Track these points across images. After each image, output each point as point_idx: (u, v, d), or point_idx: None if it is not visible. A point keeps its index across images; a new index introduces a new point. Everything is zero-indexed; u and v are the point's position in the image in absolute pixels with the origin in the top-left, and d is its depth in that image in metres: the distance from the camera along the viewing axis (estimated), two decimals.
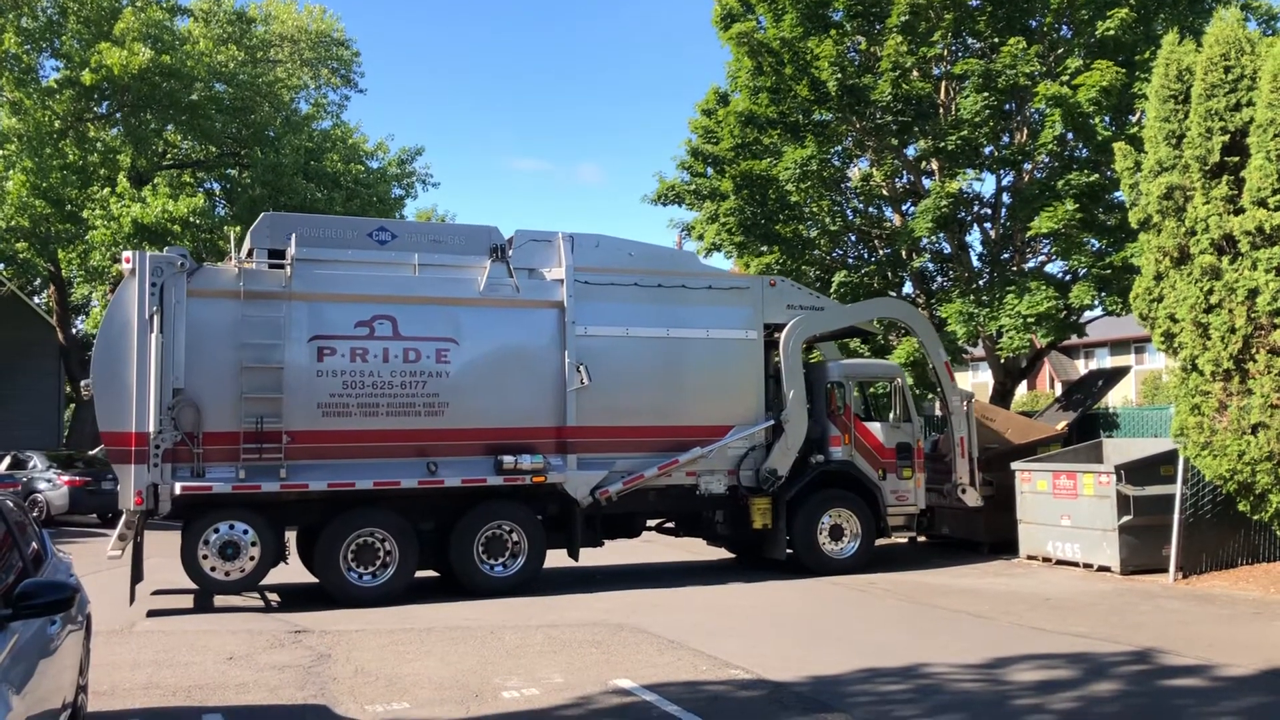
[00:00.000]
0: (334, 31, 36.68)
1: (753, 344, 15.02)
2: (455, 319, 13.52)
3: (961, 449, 16.00)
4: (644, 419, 14.31)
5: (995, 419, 17.91)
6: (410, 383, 13.19)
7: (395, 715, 7.73)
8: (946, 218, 19.27)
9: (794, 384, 15.01)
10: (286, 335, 12.75)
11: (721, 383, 14.82)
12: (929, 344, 16.51)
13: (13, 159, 23.89)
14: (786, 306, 15.29)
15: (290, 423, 12.60)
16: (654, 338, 14.47)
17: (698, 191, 22.09)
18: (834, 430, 15.51)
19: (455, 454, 13.29)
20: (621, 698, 8.19)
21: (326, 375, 12.88)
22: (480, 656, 9.68)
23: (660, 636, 10.54)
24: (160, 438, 12.13)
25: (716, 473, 14.67)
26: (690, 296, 14.71)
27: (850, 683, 8.63)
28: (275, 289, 12.83)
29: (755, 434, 14.85)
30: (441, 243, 13.88)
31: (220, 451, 12.38)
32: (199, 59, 27.01)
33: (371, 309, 13.15)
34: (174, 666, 9.35)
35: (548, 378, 13.84)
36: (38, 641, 5.22)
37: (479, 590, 13.23)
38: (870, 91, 19.08)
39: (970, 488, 15.99)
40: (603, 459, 14.02)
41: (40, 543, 6.80)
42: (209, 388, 12.43)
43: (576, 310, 13.97)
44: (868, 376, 16.69)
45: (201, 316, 12.52)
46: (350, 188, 29.46)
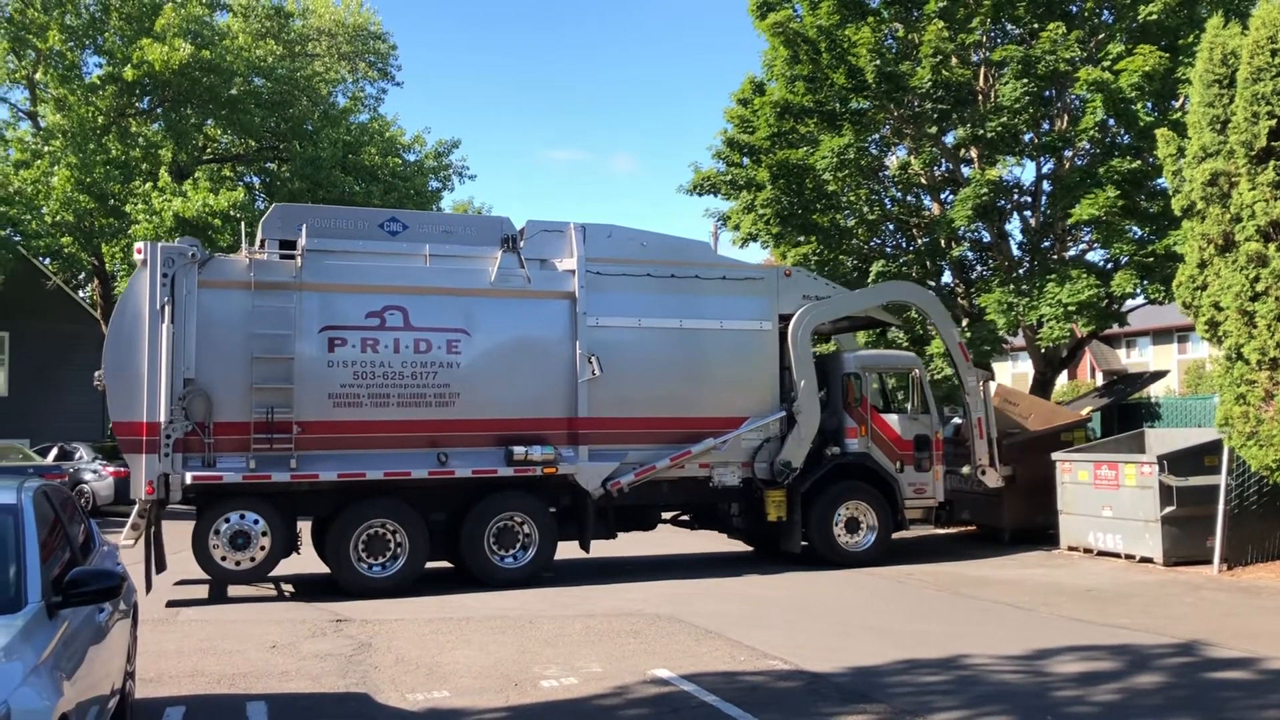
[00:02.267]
0: (371, 25, 36.90)
1: (767, 335, 14.86)
2: (466, 310, 13.51)
3: (979, 430, 15.81)
4: (656, 410, 14.21)
5: (1018, 404, 17.69)
6: (421, 373, 13.19)
7: (436, 704, 7.79)
8: (986, 206, 19.08)
9: (805, 374, 14.85)
10: (297, 326, 12.79)
11: (735, 374, 14.68)
12: (942, 326, 16.32)
13: (57, 155, 24.24)
14: (802, 297, 15.14)
15: (301, 413, 12.65)
16: (667, 329, 14.36)
17: (734, 181, 22.00)
18: (850, 422, 15.35)
19: (466, 445, 13.27)
20: (660, 687, 8.21)
21: (337, 366, 12.91)
22: (519, 645, 9.74)
23: (698, 626, 10.55)
24: (171, 427, 12.20)
25: (730, 465, 14.55)
26: (704, 287, 14.58)
27: (889, 674, 8.60)
28: (286, 279, 12.86)
29: (769, 425, 14.70)
30: (453, 233, 13.86)
31: (231, 441, 12.44)
32: (238, 54, 27.27)
33: (382, 299, 13.15)
34: (218, 654, 9.48)
35: (559, 369, 13.79)
36: (87, 629, 5.32)
37: (490, 581, 13.21)
38: (909, 79, 18.90)
39: (990, 468, 15.83)
40: (614, 450, 13.95)
41: (88, 531, 6.92)
42: (220, 378, 12.50)
43: (588, 301, 13.91)
44: (885, 367, 16.51)
45: (213, 307, 12.59)
46: (388, 181, 29.64)
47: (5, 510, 5.37)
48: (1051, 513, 16.52)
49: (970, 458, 15.91)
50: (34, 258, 28.20)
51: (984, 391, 16.02)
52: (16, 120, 27.64)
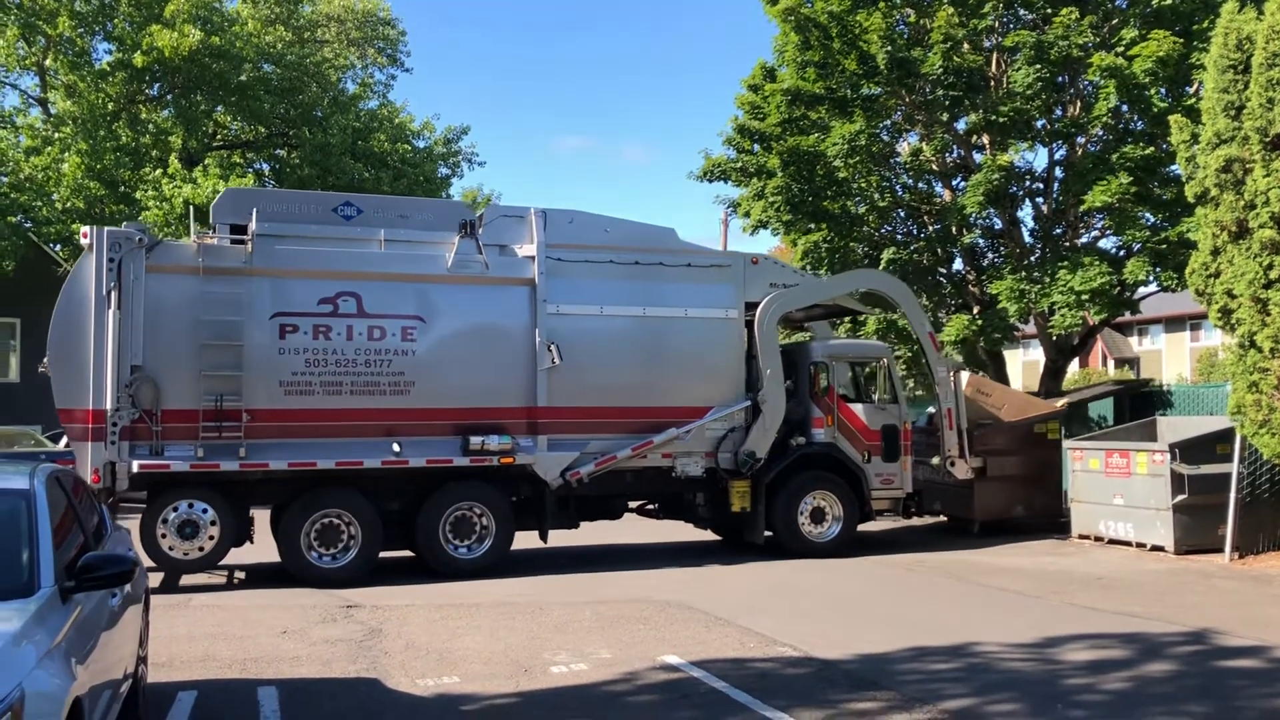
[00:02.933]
0: (380, 11, 36.83)
1: (733, 323, 14.62)
2: (422, 296, 13.25)
3: (949, 421, 15.60)
4: (619, 399, 13.94)
5: (991, 394, 17.42)
6: (375, 361, 12.95)
7: (446, 689, 7.81)
8: (998, 192, 19.00)
9: (771, 363, 14.64)
10: (247, 312, 12.55)
11: (700, 363, 14.43)
12: (912, 314, 16.16)
13: (68, 141, 24.29)
14: (770, 285, 14.84)
15: (250, 401, 12.45)
16: (630, 316, 14.10)
17: (744, 168, 21.94)
18: (817, 412, 15.11)
19: (422, 434, 13.03)
20: (669, 673, 8.22)
21: (289, 353, 12.69)
22: (529, 631, 9.76)
23: (707, 613, 10.55)
24: (117, 415, 11.98)
25: (694, 455, 14.29)
26: (668, 274, 14.31)
27: (898, 661, 8.59)
28: (236, 265, 12.62)
29: (733, 415, 14.47)
30: (409, 218, 13.57)
31: (180, 429, 12.24)
32: (247, 40, 27.24)
33: (335, 286, 12.91)
34: (229, 640, 9.52)
35: (518, 357, 13.55)
36: (99, 614, 5.33)
37: (445, 572, 13.01)
38: (920, 65, 18.81)
39: (959, 460, 15.64)
40: (575, 440, 13.68)
41: (100, 517, 6.93)
42: (168, 365, 12.28)
43: (548, 288, 13.63)
44: (852, 356, 16.09)
45: (161, 293, 12.34)
46: (397, 167, 29.63)
47: (18, 495, 5.38)
48: (1026, 504, 16.57)
49: (940, 449, 15.73)
50: (45, 244, 28.26)
51: (954, 382, 15.78)
52: (27, 107, 27.69)
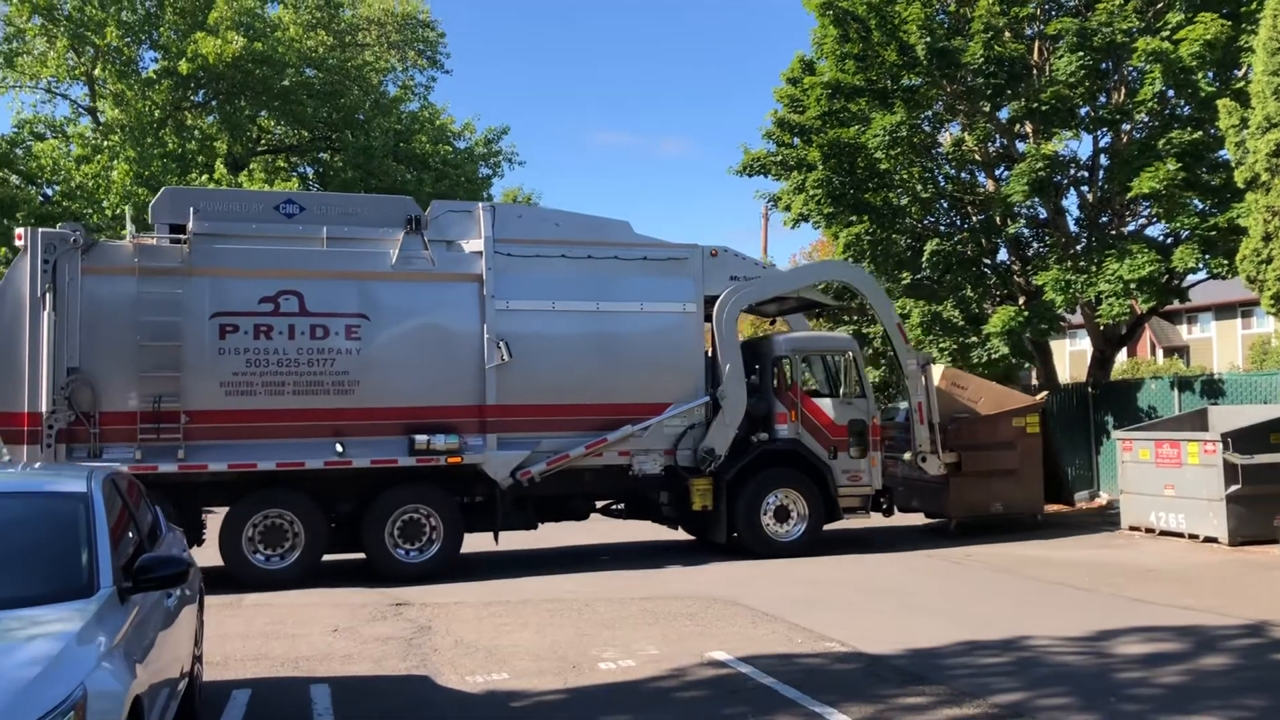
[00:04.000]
0: (419, 13, 37.06)
1: (691, 318, 14.33)
2: (366, 294, 13.07)
3: (920, 415, 15.17)
4: (572, 397, 13.67)
5: (967, 387, 17.06)
6: (318, 360, 12.78)
7: (495, 685, 7.87)
8: (1042, 181, 18.77)
9: (730, 358, 14.32)
10: (186, 312, 12.42)
11: (657, 359, 14.12)
12: (879, 305, 15.79)
13: (116, 149, 24.68)
14: (730, 278, 14.53)
15: (189, 402, 12.34)
16: (583, 311, 13.82)
17: (784, 162, 21.86)
18: (780, 407, 14.76)
19: (368, 434, 12.86)
20: (717, 669, 8.23)
21: (229, 353, 12.55)
22: (576, 628, 9.81)
23: (754, 609, 10.55)
24: (54, 418, 11.90)
25: (652, 452, 13.99)
26: (623, 268, 14.06)
27: (948, 655, 8.54)
28: (173, 265, 12.50)
29: (692, 411, 14.18)
30: (354, 215, 13.42)
31: (118, 432, 12.16)
32: (289, 45, 27.54)
33: (276, 284, 12.75)
34: (282, 638, 9.66)
35: (467, 354, 13.32)
36: (156, 614, 5.44)
37: (391, 576, 12.84)
38: (961, 54, 18.64)
39: (931, 455, 15.20)
40: (526, 439, 13.44)
41: (154, 518, 7.06)
42: (106, 367, 12.18)
43: (497, 283, 13.42)
44: (817, 349, 15.61)
45: (98, 294, 12.24)
46: (439, 168, 29.81)
47: (76, 498, 5.50)
48: (1005, 500, 16.04)
49: (911, 444, 15.35)
50: None
51: (925, 375, 15.39)
52: (77, 116, 28.18)
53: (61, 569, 5.10)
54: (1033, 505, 16.46)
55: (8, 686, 3.85)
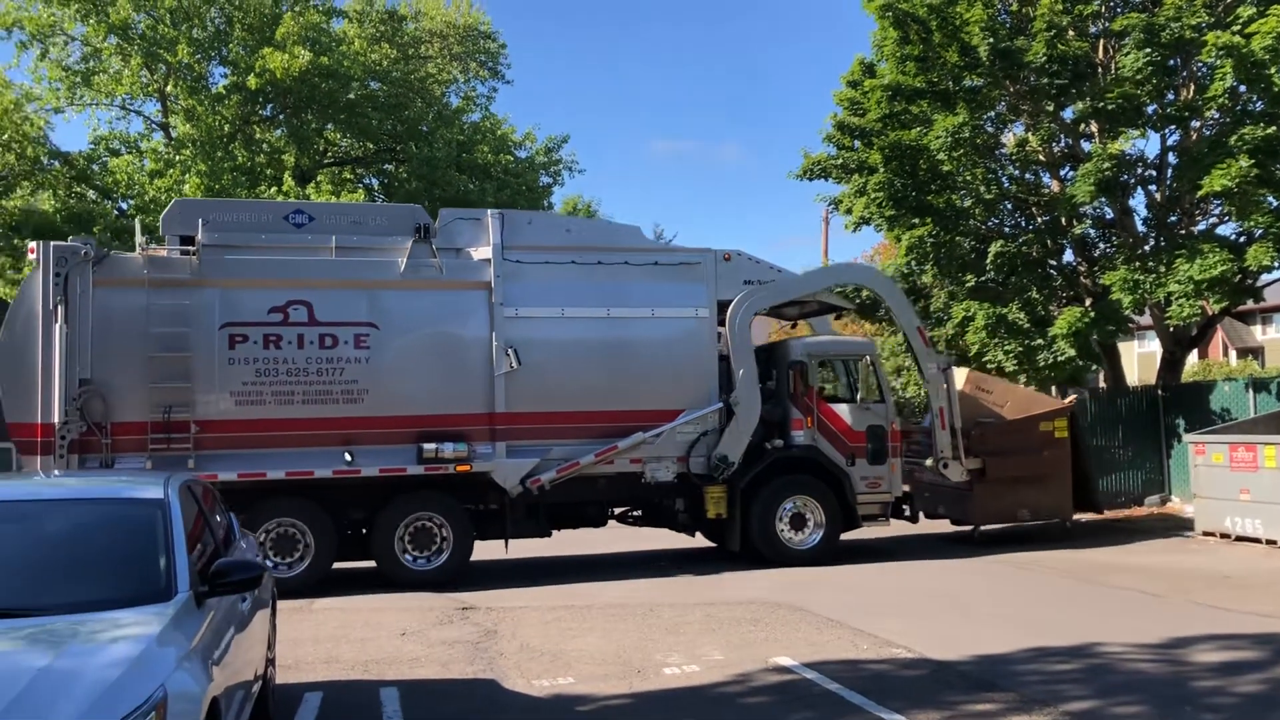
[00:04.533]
0: (480, 25, 37.47)
1: (704, 323, 14.15)
2: (375, 303, 13.09)
3: (941, 420, 14.82)
4: (582, 404, 13.57)
5: (992, 391, 16.66)
6: (327, 369, 12.82)
7: (561, 690, 7.94)
8: (1108, 181, 18.45)
9: (744, 363, 14.11)
10: (195, 323, 12.52)
11: (669, 365, 13.97)
12: (898, 308, 15.45)
13: (188, 163, 25.26)
14: (744, 282, 14.33)
15: (199, 412, 12.43)
16: (593, 318, 13.71)
17: (845, 165, 21.73)
18: (796, 413, 14.53)
19: (378, 442, 12.86)
20: (782, 675, 8.21)
21: (238, 363, 12.62)
22: (640, 633, 9.85)
23: (818, 615, 10.51)
24: (66, 429, 12.02)
25: (664, 459, 13.84)
26: (633, 274, 13.93)
27: (1017, 662, 8.44)
28: (183, 276, 12.61)
29: (706, 418, 13.99)
30: (362, 224, 13.47)
31: (130, 442, 12.25)
32: (354, 59, 28.00)
33: (286, 294, 12.81)
34: (351, 642, 9.82)
35: (476, 362, 13.29)
36: (231, 618, 5.57)
37: (400, 583, 12.85)
38: (1024, 54, 18.40)
39: (953, 461, 14.83)
40: (536, 446, 13.36)
41: (228, 523, 7.23)
42: (117, 378, 12.30)
43: (506, 291, 13.37)
44: (833, 354, 15.40)
45: (109, 306, 12.35)
46: (500, 178, 30.10)
47: (153, 504, 5.65)
48: (1031, 507, 15.62)
49: (932, 450, 15.02)
50: None
51: (947, 379, 15.04)
52: (150, 132, 28.89)
53: (140, 573, 5.24)
54: (1061, 512, 15.99)
55: (93, 687, 3.98)
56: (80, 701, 3.88)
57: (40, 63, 25.77)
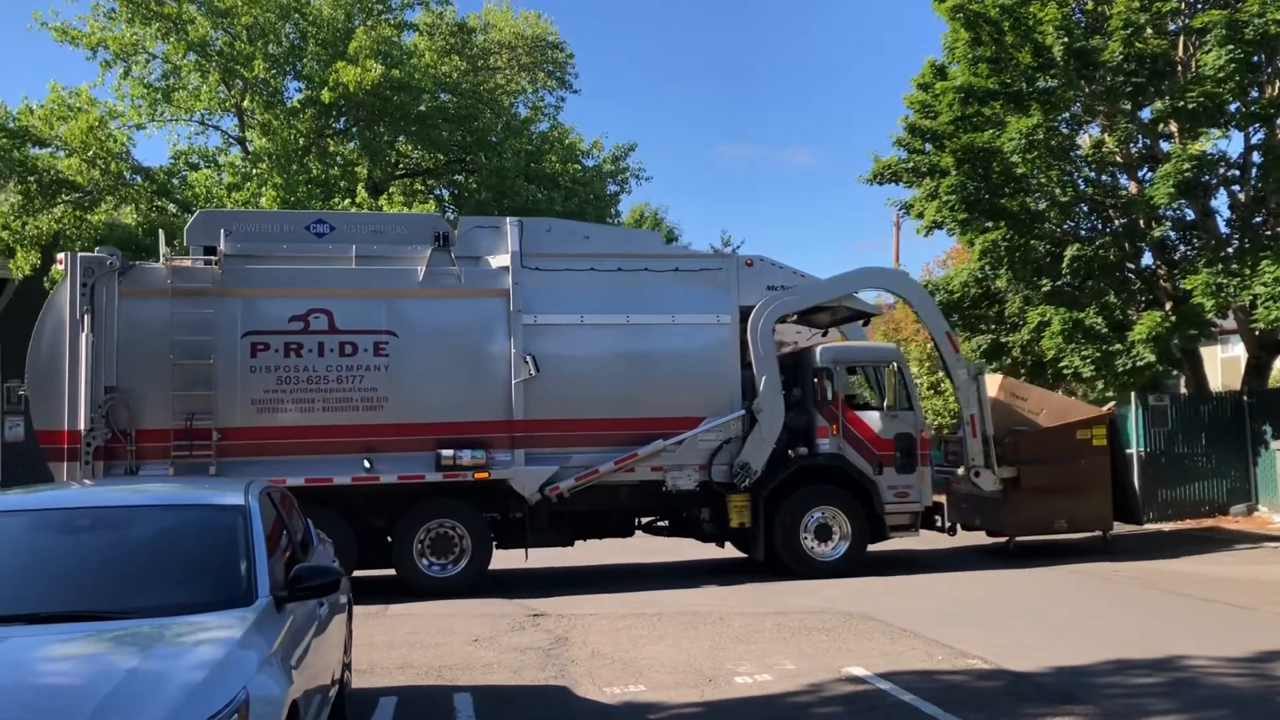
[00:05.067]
0: (548, 35, 37.76)
1: (725, 329, 13.96)
2: (394, 311, 13.18)
3: (972, 428, 14.46)
4: (602, 411, 13.48)
5: (1027, 398, 16.14)
6: (347, 377, 12.93)
7: (632, 698, 7.94)
8: (1189, 182, 18.01)
9: (766, 370, 13.89)
10: (218, 331, 12.69)
11: (690, 371, 13.84)
12: (926, 313, 15.09)
13: (264, 176, 25.77)
14: (766, 287, 14.15)
15: (221, 419, 12.59)
16: (612, 325, 13.64)
17: (916, 169, 21.50)
18: (821, 420, 14.26)
19: (397, 449, 12.93)
20: (855, 685, 8.13)
21: (260, 371, 12.78)
22: (711, 642, 9.82)
23: (891, 624, 10.38)
24: (92, 435, 12.23)
25: (685, 467, 13.69)
26: (653, 280, 13.84)
27: (1096, 674, 8.26)
28: (206, 286, 12.82)
29: (727, 425, 13.79)
30: (382, 233, 13.57)
31: (154, 449, 12.44)
32: (425, 71, 28.34)
33: (306, 303, 12.94)
34: (424, 647, 9.92)
35: (495, 369, 13.30)
36: (309, 622, 5.66)
37: (419, 591, 12.83)
38: (1099, 53, 18.06)
39: (985, 470, 14.45)
40: (555, 454, 13.31)
41: (306, 529, 7.35)
42: (142, 386, 12.51)
43: (524, 298, 13.39)
44: (860, 360, 15.07)
45: (135, 315, 12.59)
46: (568, 187, 30.24)
47: (235, 510, 5.77)
48: (1069, 517, 15.07)
49: (963, 458, 14.66)
50: None
51: (978, 386, 14.67)
52: (228, 146, 29.49)
53: (222, 578, 5.35)
54: (1100, 523, 15.48)
55: (179, 689, 4.07)
56: (167, 703, 3.97)
57: (123, 81, 26.42)
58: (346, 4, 28.27)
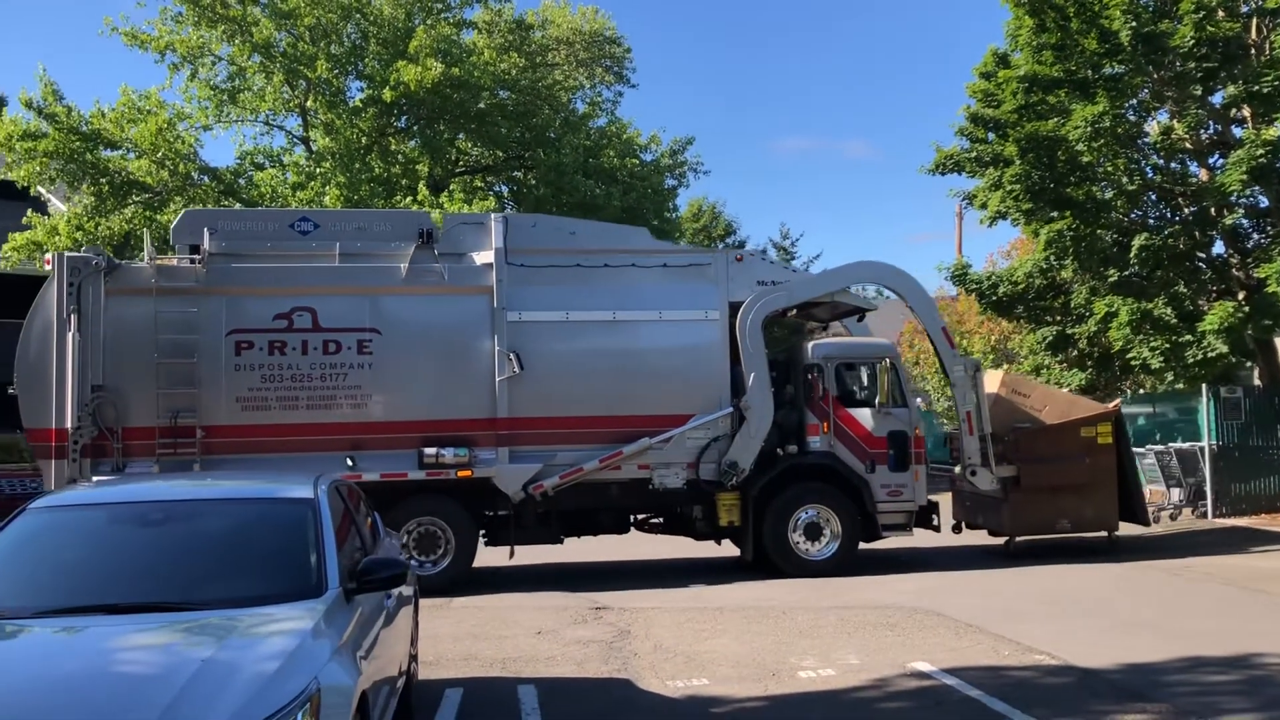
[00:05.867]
0: (606, 30, 37.82)
1: (714, 325, 13.73)
2: (378, 308, 13.11)
3: (969, 425, 14.08)
4: (588, 409, 13.34)
5: (1029, 395, 15.69)
6: (331, 375, 12.91)
7: (696, 691, 7.94)
8: (1263, 168, 17.56)
9: (755, 367, 13.65)
10: (202, 330, 12.70)
11: (678, 368, 13.64)
12: (921, 309, 14.65)
13: (328, 175, 26.14)
14: (757, 283, 13.90)
15: (205, 417, 12.62)
16: (598, 321, 13.50)
17: (979, 158, 21.18)
18: (812, 418, 14.00)
19: (380, 448, 12.88)
20: (920, 680, 8.06)
21: (244, 369, 12.79)
22: (774, 636, 9.79)
23: (956, 619, 10.28)
24: (79, 433, 12.28)
25: (673, 466, 13.50)
26: (641, 275, 13.68)
27: (1168, 672, 8.10)
28: (190, 284, 12.82)
29: (716, 423, 13.59)
30: (367, 230, 13.52)
31: (141, 446, 12.52)
32: (484, 69, 28.55)
33: (290, 301, 12.91)
34: (488, 640, 10.02)
35: (478, 367, 13.20)
36: (377, 614, 5.74)
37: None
38: (1169, 38, 17.67)
39: (982, 468, 14.06)
40: (540, 451, 13.20)
41: (373, 522, 7.45)
42: (128, 384, 12.56)
43: (508, 295, 13.26)
44: (852, 357, 14.67)
45: (121, 314, 12.63)
46: (626, 182, 30.28)
47: (304, 504, 5.87)
48: (1072, 517, 14.61)
49: (960, 456, 14.28)
50: None
51: (975, 382, 14.26)
52: (292, 146, 29.96)
53: (292, 570, 5.43)
54: (1105, 523, 15.00)
55: (253, 679, 4.15)
56: (241, 692, 4.06)
57: (190, 83, 26.96)
58: (407, 3, 28.56)
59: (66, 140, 23.71)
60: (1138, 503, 15.41)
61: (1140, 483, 15.88)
